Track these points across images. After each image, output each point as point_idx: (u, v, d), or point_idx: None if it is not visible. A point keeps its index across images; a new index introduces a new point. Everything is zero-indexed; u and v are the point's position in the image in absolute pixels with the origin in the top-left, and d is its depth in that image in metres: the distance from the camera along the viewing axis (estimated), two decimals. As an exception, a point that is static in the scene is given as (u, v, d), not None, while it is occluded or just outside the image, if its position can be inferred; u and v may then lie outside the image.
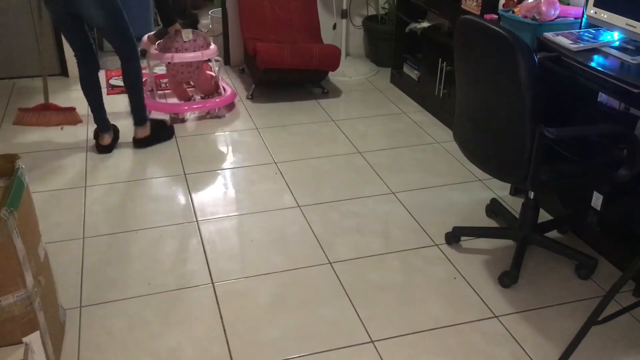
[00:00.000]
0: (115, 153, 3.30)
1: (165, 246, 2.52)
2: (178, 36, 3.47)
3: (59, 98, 4.01)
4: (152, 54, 3.53)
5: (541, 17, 2.65)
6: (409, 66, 4.16)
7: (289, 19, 4.25)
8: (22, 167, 1.78)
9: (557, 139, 2.02)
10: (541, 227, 2.52)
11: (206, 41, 3.61)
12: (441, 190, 2.98)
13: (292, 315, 2.15)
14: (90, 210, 2.77)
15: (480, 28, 2.08)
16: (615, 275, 2.34)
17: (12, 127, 3.59)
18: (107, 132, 3.31)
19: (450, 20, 3.46)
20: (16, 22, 4.12)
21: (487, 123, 2.20)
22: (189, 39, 3.50)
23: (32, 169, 3.10)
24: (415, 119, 3.80)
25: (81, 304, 2.19)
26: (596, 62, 2.22)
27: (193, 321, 2.12)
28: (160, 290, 2.27)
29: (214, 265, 2.40)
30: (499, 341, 2.05)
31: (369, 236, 2.61)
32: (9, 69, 4.22)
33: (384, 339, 2.05)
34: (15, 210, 1.59)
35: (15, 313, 1.65)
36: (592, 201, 2.46)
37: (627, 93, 2.06)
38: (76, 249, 2.49)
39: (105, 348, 2.00)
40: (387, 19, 4.62)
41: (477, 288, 2.30)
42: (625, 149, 2.18)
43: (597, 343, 2.02)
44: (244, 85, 4.28)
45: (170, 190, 2.95)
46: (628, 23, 2.25)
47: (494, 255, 2.50)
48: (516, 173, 2.11)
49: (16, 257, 1.60)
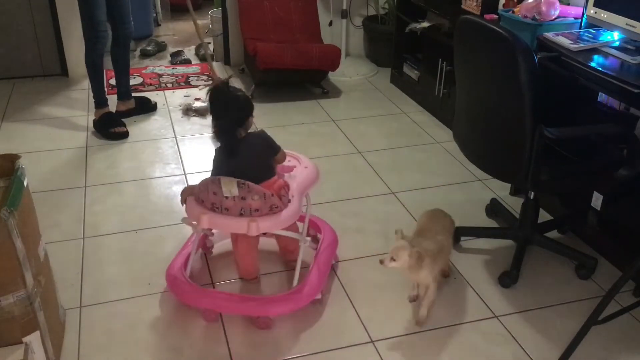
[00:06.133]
0: (115, 153, 3.30)
1: (165, 246, 2.52)
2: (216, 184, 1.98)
3: (59, 98, 4.01)
4: (188, 207, 2.11)
5: (541, 17, 2.65)
6: (409, 66, 4.16)
7: (289, 19, 4.25)
8: (22, 167, 1.78)
9: (557, 139, 2.02)
10: (541, 227, 2.52)
11: (268, 203, 1.98)
12: (441, 190, 2.98)
13: (292, 315, 2.14)
14: (90, 210, 2.77)
15: (480, 28, 2.08)
16: (615, 275, 2.33)
17: (13, 126, 3.59)
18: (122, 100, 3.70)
19: (450, 20, 3.45)
20: (16, 22, 4.12)
21: (487, 123, 2.20)
22: (232, 194, 1.96)
23: (32, 169, 3.10)
24: (415, 119, 3.80)
25: (81, 304, 2.19)
26: (596, 62, 2.22)
27: (193, 321, 2.11)
28: (160, 290, 2.26)
29: (214, 265, 2.40)
30: (499, 341, 2.05)
31: (369, 236, 2.61)
32: (9, 69, 4.22)
33: (384, 339, 2.05)
34: (15, 210, 1.59)
35: (15, 313, 1.65)
36: (592, 201, 2.46)
37: (627, 93, 2.06)
38: (76, 249, 2.49)
39: (105, 348, 2.00)
40: (387, 19, 4.62)
41: (477, 288, 2.30)
42: (625, 149, 2.18)
43: (597, 343, 2.02)
44: (244, 85, 4.27)
45: (170, 190, 2.95)
46: (628, 23, 2.25)
47: (494, 255, 2.50)
48: (516, 173, 2.11)
49: (16, 257, 1.60)
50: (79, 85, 4.22)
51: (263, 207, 1.98)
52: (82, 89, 4.15)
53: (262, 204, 1.97)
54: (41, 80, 4.29)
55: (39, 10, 4.13)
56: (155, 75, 4.40)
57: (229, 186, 1.94)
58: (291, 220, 2.06)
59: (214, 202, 2.01)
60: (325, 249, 2.32)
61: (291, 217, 2.04)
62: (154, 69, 4.54)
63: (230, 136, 2.06)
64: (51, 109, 3.84)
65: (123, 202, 2.84)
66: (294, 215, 2.05)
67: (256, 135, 2.13)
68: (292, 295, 2.10)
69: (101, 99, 3.53)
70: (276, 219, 2.00)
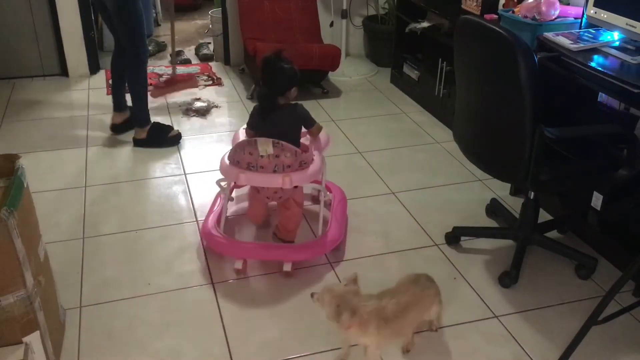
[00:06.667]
0: (115, 153, 3.30)
1: (165, 246, 2.52)
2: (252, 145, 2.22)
3: (59, 98, 4.01)
4: (221, 166, 2.35)
5: (541, 17, 2.65)
6: (409, 66, 4.16)
7: (289, 19, 4.25)
8: (22, 167, 1.78)
9: (557, 139, 2.02)
10: (541, 227, 2.52)
11: (298, 160, 2.25)
12: (441, 190, 2.98)
13: (292, 315, 2.14)
14: (90, 210, 2.77)
15: (480, 28, 2.08)
16: (615, 275, 2.33)
17: (13, 126, 3.59)
18: (118, 111, 3.44)
19: (450, 20, 3.45)
20: (16, 22, 4.12)
21: (487, 123, 2.20)
22: (267, 153, 2.21)
23: (32, 169, 3.09)
24: (415, 119, 3.80)
25: (81, 304, 2.19)
26: (596, 62, 2.22)
27: (193, 321, 2.11)
28: (160, 290, 2.26)
29: (214, 265, 2.40)
30: (499, 341, 2.05)
31: (369, 236, 2.61)
32: (9, 69, 4.22)
33: (384, 339, 2.04)
34: (15, 210, 1.59)
35: (15, 313, 1.65)
36: (592, 201, 2.45)
37: (627, 93, 2.06)
38: (76, 249, 2.49)
39: (105, 348, 2.00)
40: (387, 19, 4.62)
41: (477, 288, 2.30)
42: (625, 149, 2.18)
43: (597, 343, 2.02)
44: (244, 85, 4.27)
45: (170, 190, 2.95)
46: (628, 23, 2.25)
47: (494, 255, 2.50)
48: (516, 173, 2.11)
49: (16, 257, 1.59)
50: (79, 85, 4.22)
51: (294, 164, 2.25)
52: (82, 89, 4.16)
53: (294, 160, 2.24)
54: (41, 80, 4.29)
55: (39, 10, 4.13)
56: (155, 75, 4.40)
57: (264, 146, 2.20)
58: (317, 174, 2.35)
59: (249, 162, 2.25)
60: (338, 205, 2.63)
61: (317, 172, 2.34)
62: (153, 69, 4.54)
63: (269, 102, 2.32)
64: (51, 109, 3.84)
65: (123, 202, 2.84)
66: (319, 171, 2.35)
67: (294, 107, 2.37)
68: (319, 241, 2.41)
69: (148, 116, 3.36)
70: (305, 174, 2.27)
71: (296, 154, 2.23)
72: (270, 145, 2.19)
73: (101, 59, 4.55)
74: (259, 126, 2.33)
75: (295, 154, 2.22)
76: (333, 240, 2.41)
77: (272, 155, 2.21)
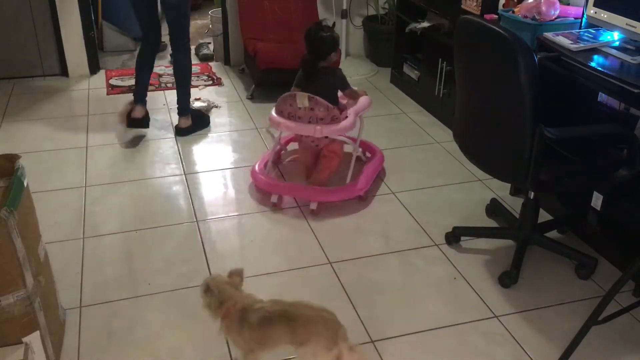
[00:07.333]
0: (115, 153, 3.30)
1: (165, 246, 2.52)
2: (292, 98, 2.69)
3: (59, 98, 4.01)
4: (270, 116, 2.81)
5: (541, 17, 2.65)
6: (409, 66, 4.16)
7: (289, 19, 4.25)
8: (22, 167, 1.78)
9: (557, 139, 2.02)
10: (541, 227, 2.52)
11: (330, 114, 2.66)
12: (441, 190, 2.98)
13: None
14: (90, 210, 2.77)
15: (480, 28, 2.08)
16: (615, 275, 2.34)
17: (13, 126, 3.59)
18: (142, 104, 3.46)
19: (450, 20, 3.46)
20: (16, 22, 4.12)
21: (487, 123, 2.20)
22: (303, 105, 2.65)
23: (32, 169, 3.09)
24: (415, 119, 3.80)
25: (81, 304, 2.19)
26: (596, 62, 2.22)
27: (193, 321, 2.11)
28: (160, 290, 2.26)
29: (214, 265, 2.40)
30: (499, 341, 2.05)
31: (369, 236, 2.61)
32: (9, 69, 4.23)
33: (384, 339, 2.05)
34: (15, 210, 1.59)
35: (15, 313, 1.65)
36: (592, 201, 2.46)
37: (627, 93, 2.06)
38: (76, 249, 2.49)
39: (105, 348, 2.00)
40: (387, 19, 4.62)
41: (477, 288, 2.30)
42: (625, 149, 2.18)
43: (597, 343, 2.02)
44: (244, 85, 4.28)
45: (170, 190, 2.95)
46: (628, 23, 2.25)
47: (494, 255, 2.50)
48: (516, 173, 2.11)
49: (16, 257, 1.60)
50: (79, 85, 4.22)
51: (326, 117, 2.66)
52: (82, 89, 4.16)
53: (326, 114, 2.65)
54: (41, 80, 4.29)
55: (39, 10, 4.13)
56: (156, 75, 4.39)
57: (302, 99, 2.65)
58: (346, 130, 2.71)
59: (290, 112, 2.72)
60: (372, 161, 3.03)
61: (346, 128, 2.70)
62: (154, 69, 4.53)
63: (311, 66, 2.76)
64: (51, 109, 3.84)
65: (123, 202, 2.84)
66: (348, 126, 2.71)
67: (333, 72, 2.80)
68: (347, 187, 2.83)
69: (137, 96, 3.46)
70: (335, 127, 2.68)
71: (328, 109, 2.64)
72: (306, 99, 2.63)
73: (101, 59, 4.56)
74: (302, 85, 2.76)
75: (327, 108, 2.64)
76: (359, 189, 2.79)
77: (308, 108, 2.65)
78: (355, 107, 2.81)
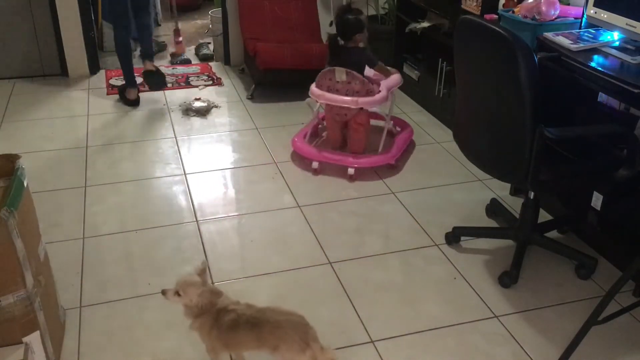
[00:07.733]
0: (115, 153, 3.31)
1: (165, 246, 2.52)
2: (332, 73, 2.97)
3: (59, 98, 4.01)
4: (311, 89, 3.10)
5: (541, 17, 2.65)
6: (409, 66, 4.16)
7: (289, 19, 4.25)
8: (22, 167, 1.78)
9: (557, 139, 2.02)
10: (541, 227, 2.52)
11: (365, 88, 2.96)
12: (441, 190, 2.98)
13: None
14: (90, 210, 2.77)
15: (480, 28, 2.08)
16: (615, 275, 2.34)
17: (13, 126, 3.59)
18: (135, 87, 3.87)
19: (450, 20, 3.45)
20: (16, 22, 4.12)
21: (487, 123, 2.20)
22: (341, 79, 2.94)
23: (32, 169, 3.10)
24: (415, 119, 3.79)
25: (81, 304, 2.19)
26: (596, 62, 2.22)
27: (193, 321, 2.11)
28: (160, 290, 2.26)
29: (214, 265, 2.40)
30: (499, 341, 2.05)
31: (369, 236, 2.61)
32: (9, 69, 4.23)
33: (384, 339, 2.05)
34: (15, 210, 1.59)
35: (15, 313, 1.65)
36: (592, 201, 2.46)
37: (627, 93, 2.05)
38: (76, 249, 2.49)
39: (105, 348, 2.00)
40: (387, 19, 4.62)
41: (477, 288, 2.30)
42: (625, 149, 2.18)
43: (597, 343, 2.02)
44: (244, 85, 4.28)
45: (170, 190, 2.95)
46: (628, 23, 2.25)
47: (494, 255, 2.50)
48: (516, 173, 2.11)
49: (16, 257, 1.59)
50: (79, 85, 4.22)
51: (362, 90, 2.97)
52: (82, 89, 4.16)
53: (362, 87, 2.96)
54: (41, 80, 4.29)
55: (39, 10, 4.13)
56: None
57: (340, 73, 2.95)
58: (380, 102, 3.01)
59: (329, 86, 3.02)
60: (402, 133, 3.36)
61: (381, 100, 3.00)
62: (154, 69, 4.53)
63: (336, 45, 3.07)
64: (51, 109, 3.85)
65: (123, 202, 2.84)
66: (382, 99, 3.00)
67: (361, 50, 3.09)
68: (380, 155, 3.12)
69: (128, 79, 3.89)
70: (370, 99, 2.96)
71: (364, 83, 2.94)
72: (344, 73, 2.94)
73: (101, 59, 4.56)
74: (332, 63, 3.01)
75: (363, 82, 2.94)
76: (390, 157, 3.10)
77: (345, 82, 2.95)
78: (386, 82, 3.09)
